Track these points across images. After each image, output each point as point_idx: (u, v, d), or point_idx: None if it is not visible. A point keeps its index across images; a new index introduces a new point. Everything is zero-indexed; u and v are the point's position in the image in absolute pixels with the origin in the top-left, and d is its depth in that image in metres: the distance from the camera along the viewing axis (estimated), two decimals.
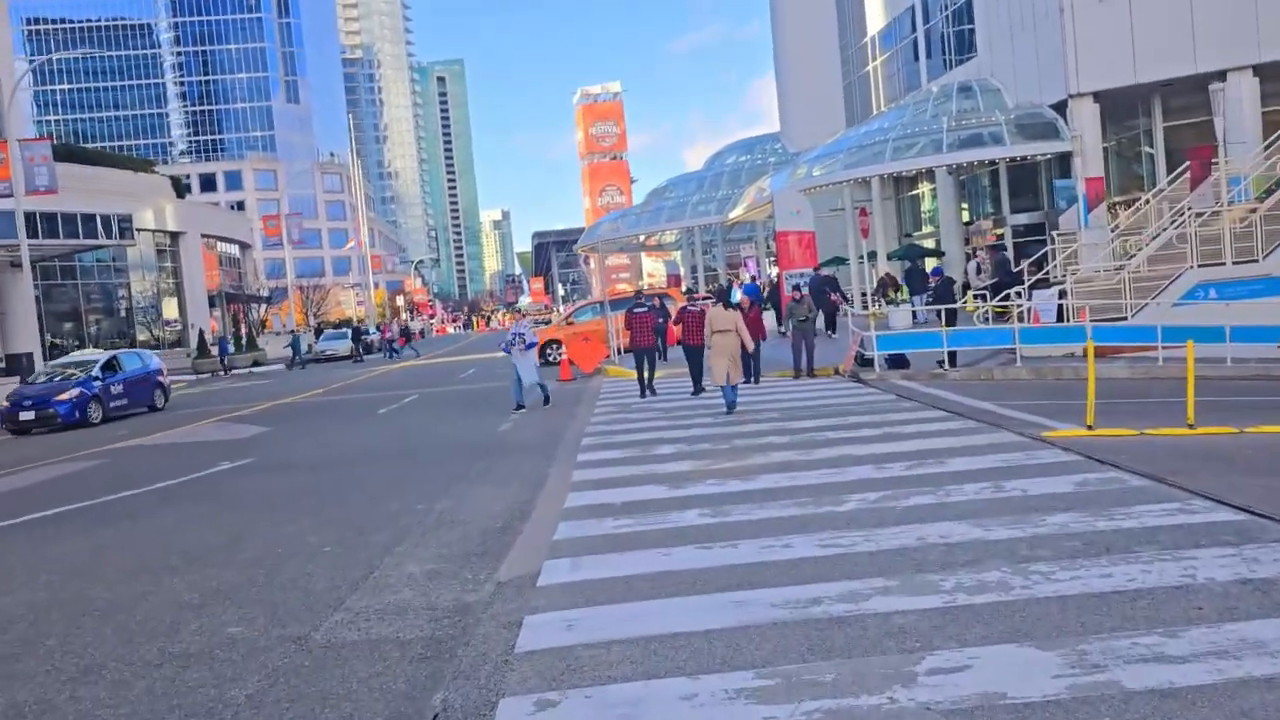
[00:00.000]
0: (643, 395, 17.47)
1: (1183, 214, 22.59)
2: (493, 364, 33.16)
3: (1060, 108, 31.77)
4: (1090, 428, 10.58)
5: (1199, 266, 20.70)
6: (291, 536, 8.70)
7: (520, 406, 17.45)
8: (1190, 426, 10.52)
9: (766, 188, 44.61)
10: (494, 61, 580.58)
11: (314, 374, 37.40)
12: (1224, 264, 20.66)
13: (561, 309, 42.93)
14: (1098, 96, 30.83)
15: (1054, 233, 26.14)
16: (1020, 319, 21.46)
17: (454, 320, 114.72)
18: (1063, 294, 21.91)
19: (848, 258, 43.99)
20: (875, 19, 47.51)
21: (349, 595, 6.70)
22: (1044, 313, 21.21)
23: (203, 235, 57.60)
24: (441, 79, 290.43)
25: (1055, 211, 24.84)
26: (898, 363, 18.91)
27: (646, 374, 17.66)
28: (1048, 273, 25.10)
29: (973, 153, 32.68)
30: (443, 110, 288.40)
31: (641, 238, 61.22)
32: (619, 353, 26.53)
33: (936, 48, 41.89)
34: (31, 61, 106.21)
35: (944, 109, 35.75)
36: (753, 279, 45.63)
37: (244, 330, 47.20)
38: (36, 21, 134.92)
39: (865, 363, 19.08)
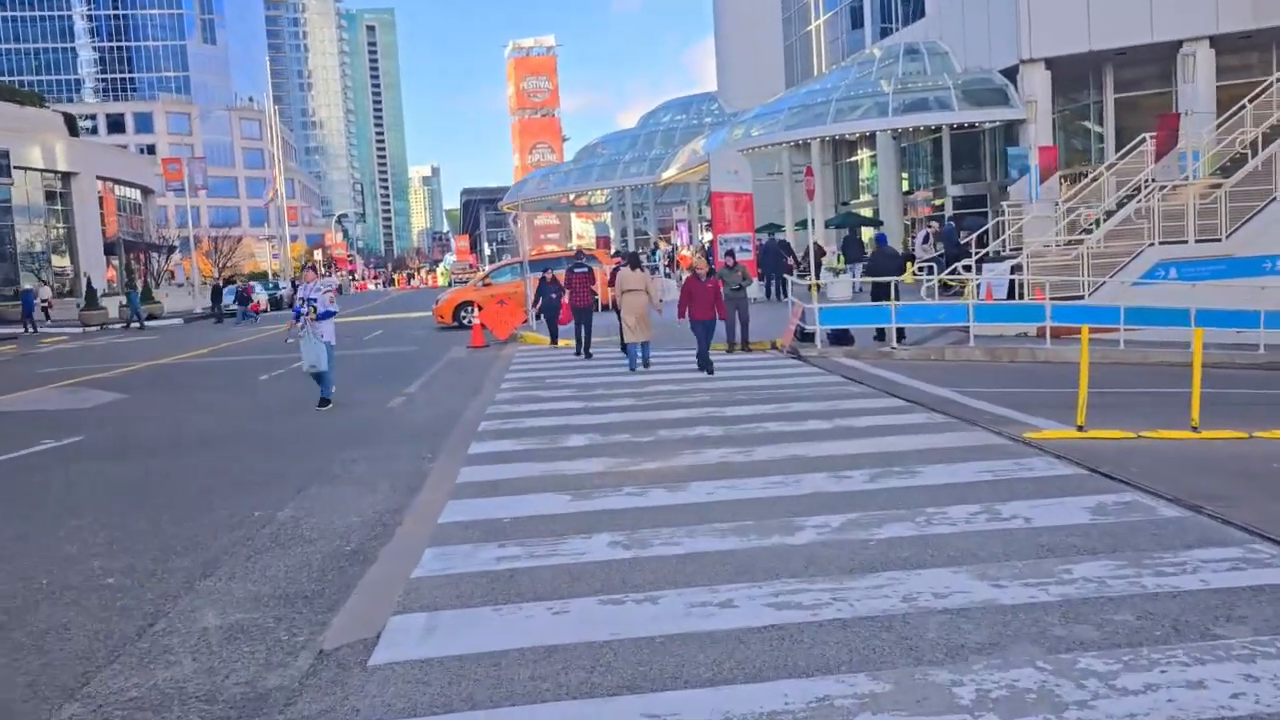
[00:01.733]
0: (578, 354, 17.66)
1: (1141, 187, 21.28)
2: (404, 325, 30.82)
3: (1010, 74, 30.37)
4: (1081, 428, 8.93)
5: (1160, 244, 19.40)
6: (71, 558, 6.58)
7: (325, 402, 12.92)
8: (1194, 429, 8.94)
9: (700, 149, 42.68)
10: (427, 13, 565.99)
11: (208, 331, 34.56)
12: (1186, 242, 19.39)
13: (487, 269, 40.55)
14: (1049, 63, 29.47)
15: (1004, 204, 24.72)
16: (966, 294, 20.01)
17: (375, 277, 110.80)
18: (1015, 269, 20.49)
19: (783, 224, 42.41)
20: None
21: (102, 669, 4.66)
22: (995, 288, 19.74)
23: (99, 177, 53.56)
24: (371, 28, 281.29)
25: (1006, 181, 23.48)
26: (840, 339, 17.23)
27: (584, 336, 17.74)
28: (1000, 246, 23.72)
29: (918, 117, 31.14)
30: (372, 61, 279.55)
31: (571, 196, 58.82)
32: (537, 318, 24.44)
33: (882, 8, 40.21)
34: None
35: (889, 71, 34.13)
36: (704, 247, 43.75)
37: (141, 282, 43.77)
38: None
39: (806, 337, 17.37)
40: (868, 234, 44.74)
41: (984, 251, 23.29)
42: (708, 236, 49.23)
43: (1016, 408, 10.54)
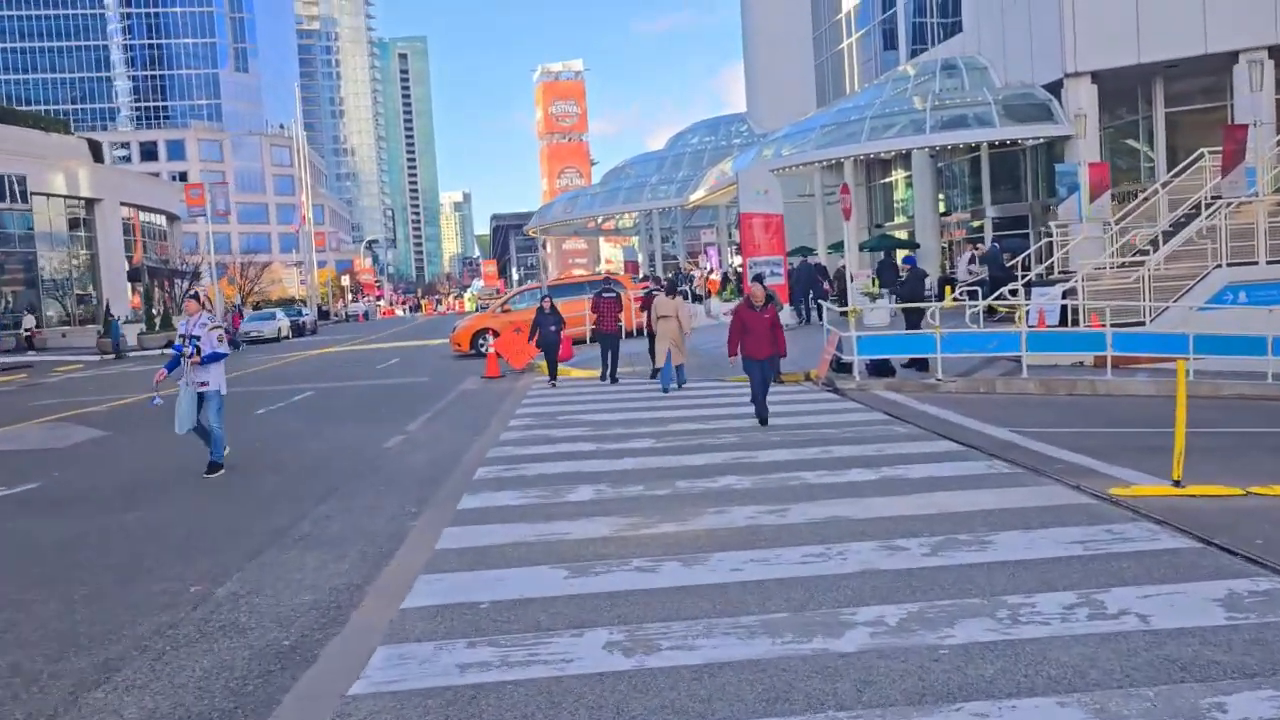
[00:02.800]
0: (603, 379, 17.69)
1: (1202, 205, 19.79)
2: (421, 353, 29.76)
3: (1054, 89, 28.94)
4: (1178, 483, 7.53)
5: (1228, 265, 17.88)
6: None
7: (215, 468, 10.34)
8: None
9: (729, 170, 41.50)
10: (458, 41, 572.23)
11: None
12: (1256, 263, 17.86)
13: (505, 294, 39.24)
14: (1096, 77, 28.02)
15: (1051, 224, 23.26)
16: (1014, 320, 18.58)
17: (403, 302, 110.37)
18: (1066, 293, 19.06)
19: (815, 247, 41.07)
20: None
21: None
22: (1047, 314, 18.30)
23: (123, 203, 53.24)
24: (403, 55, 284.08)
25: (1053, 200, 22.06)
26: (880, 369, 15.87)
27: (610, 361, 17.73)
28: (1046, 269, 22.27)
29: (958, 134, 29.74)
30: (404, 88, 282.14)
31: (600, 220, 57.78)
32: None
33: (917, 24, 38.94)
34: None
35: (926, 88, 32.80)
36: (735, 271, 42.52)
37: (159, 308, 43.13)
38: None
39: (842, 368, 16.02)
40: (900, 256, 43.42)
41: (1030, 275, 21.85)
42: (737, 260, 47.99)
43: (1091, 454, 9.15)
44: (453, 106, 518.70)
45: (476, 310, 57.70)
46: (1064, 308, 18.60)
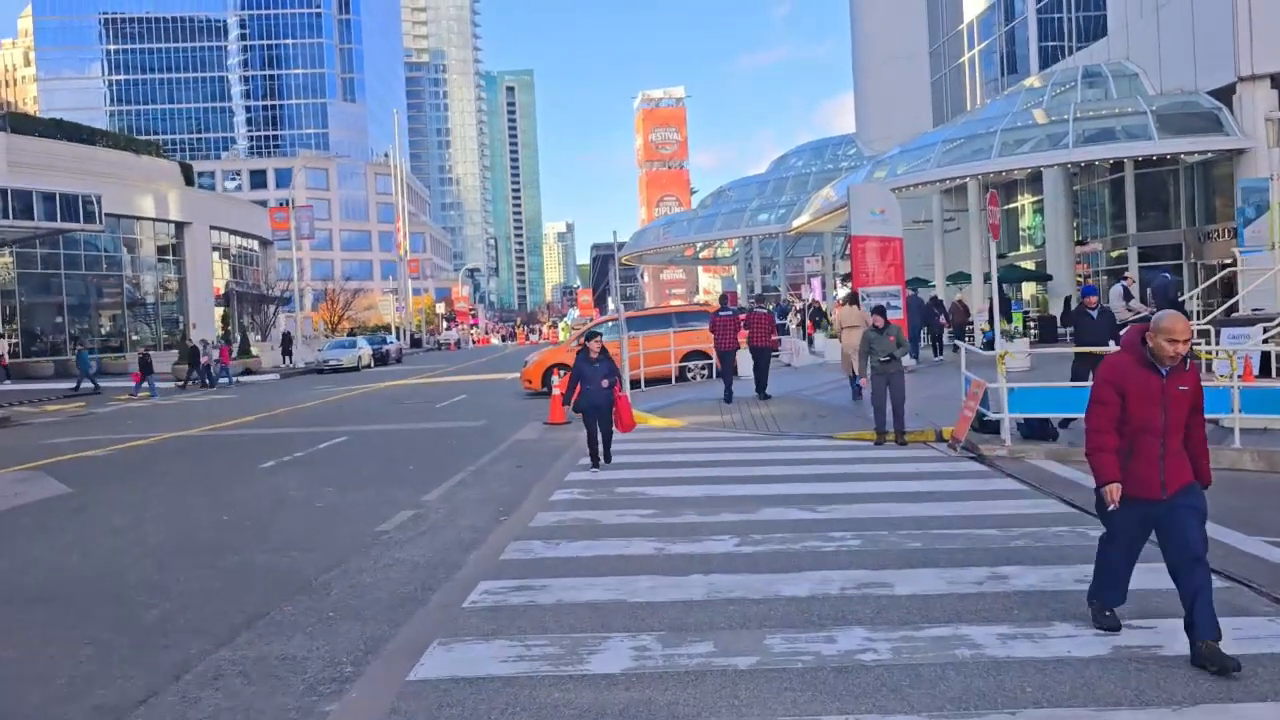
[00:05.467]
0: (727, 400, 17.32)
1: None
2: (492, 388, 27.09)
3: (1223, 95, 24.85)
4: None
5: None
6: None
7: None
8: None
9: (833, 194, 38.06)
10: (564, 73, 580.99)
11: (282, 391, 31.65)
12: None
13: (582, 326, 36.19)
14: (1275, 81, 23.90)
15: (1236, 251, 19.28)
16: (1210, 370, 14.78)
17: (499, 331, 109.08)
18: (1266, 332, 15.20)
19: (931, 279, 37.28)
20: (974, 1, 40.70)
21: None
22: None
23: (213, 227, 52.52)
24: (510, 88, 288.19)
25: (1240, 221, 18.26)
26: (1038, 431, 12.35)
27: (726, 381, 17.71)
28: (1228, 308, 18.30)
29: (1109, 149, 25.80)
30: (510, 120, 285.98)
31: (697, 246, 54.69)
32: (636, 385, 20.25)
33: (1050, 31, 35.03)
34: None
35: (1064, 100, 28.97)
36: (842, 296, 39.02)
37: (236, 335, 41.80)
38: (115, 14, 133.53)
39: (986, 426, 12.56)
40: (1030, 289, 39.19)
41: (1219, 310, 17.94)
42: (842, 292, 44.30)
43: None
44: (558, 137, 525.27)
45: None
46: (1265, 355, 14.74)
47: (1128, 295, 20.49)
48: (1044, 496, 9.23)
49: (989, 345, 26.48)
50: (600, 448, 11.68)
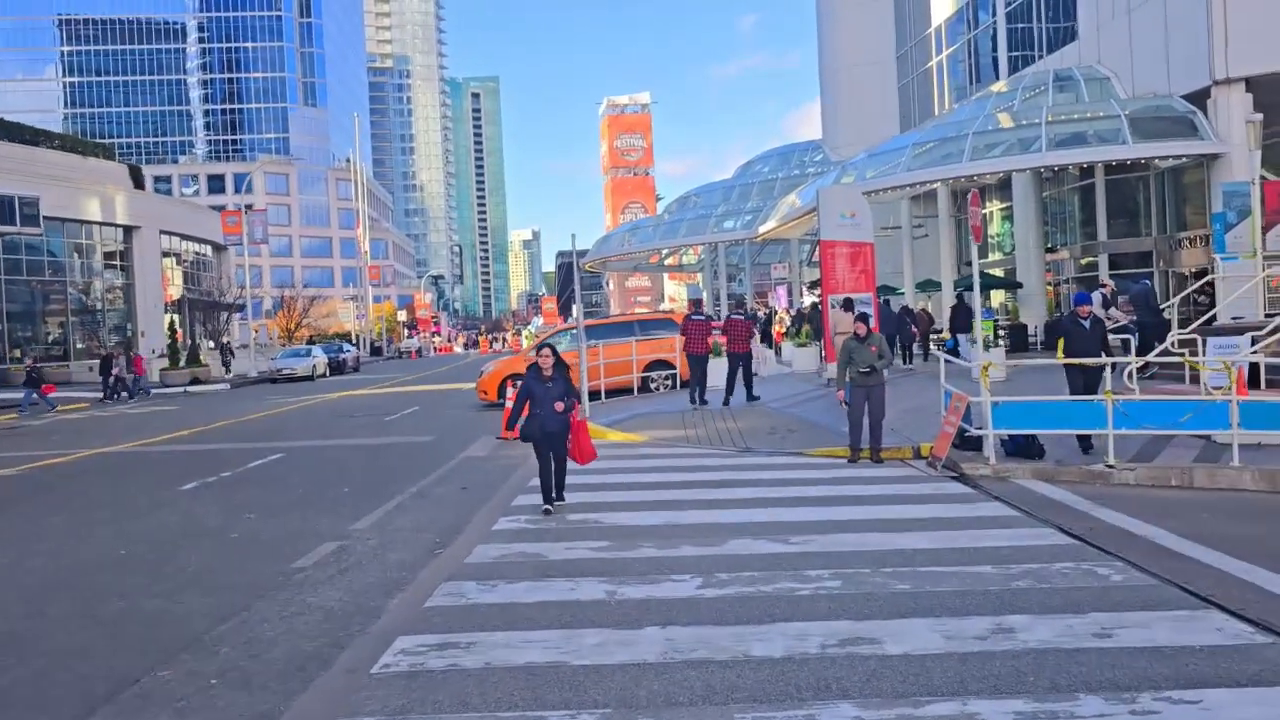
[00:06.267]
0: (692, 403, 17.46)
1: None
2: (448, 399, 25.97)
3: (1197, 100, 24.32)
4: None
5: None
6: None
7: None
8: None
9: (798, 201, 37.30)
10: (530, 81, 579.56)
11: (228, 402, 30.30)
12: None
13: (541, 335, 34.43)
14: (1250, 84, 23.38)
15: (1218, 257, 18.64)
16: (1197, 380, 14.07)
17: (462, 339, 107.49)
18: (1255, 342, 14.48)
19: (899, 286, 36.62)
20: (942, 6, 40.17)
21: None
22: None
23: (163, 232, 50.87)
24: (476, 95, 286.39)
25: (1223, 226, 17.62)
26: (1024, 449, 11.51)
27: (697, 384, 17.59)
28: (1208, 317, 17.61)
29: (1080, 153, 25.15)
30: (475, 127, 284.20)
31: (662, 252, 53.77)
32: (596, 397, 19.25)
33: (1018, 36, 34.52)
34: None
35: (1035, 104, 28.35)
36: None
37: (184, 341, 40.27)
38: (70, 16, 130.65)
39: (967, 442, 11.71)
40: (998, 297, 38.62)
41: (1202, 319, 17.26)
42: (808, 300, 43.62)
43: None
44: (524, 145, 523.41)
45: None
46: (1254, 366, 14.02)
47: (1106, 303, 19.89)
48: (1039, 524, 8.36)
49: (953, 353, 25.86)
50: (549, 485, 9.56)
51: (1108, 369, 11.12)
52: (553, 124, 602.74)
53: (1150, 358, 15.16)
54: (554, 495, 9.60)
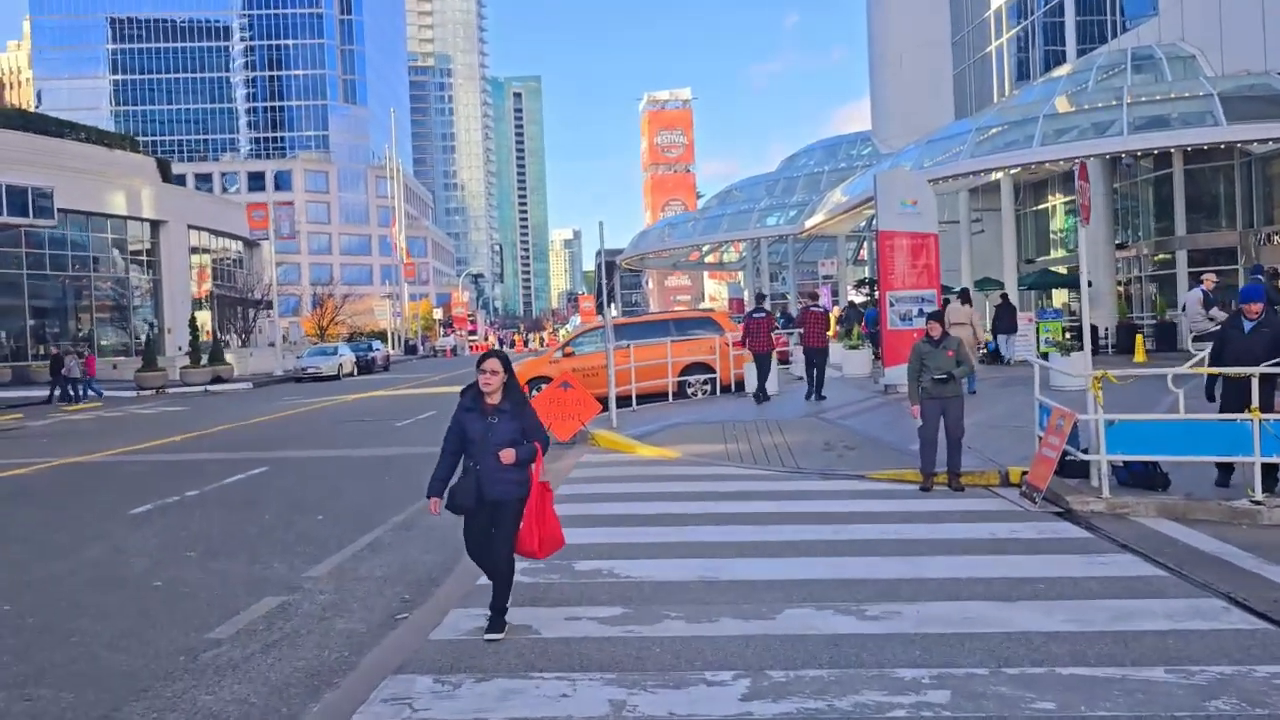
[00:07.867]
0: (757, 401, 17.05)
1: None
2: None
3: None
4: None
5: None
6: None
7: None
8: None
9: (844, 198, 35.06)
10: (572, 80, 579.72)
11: (241, 402, 28.74)
12: None
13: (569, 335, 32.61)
14: None
15: None
16: None
17: (499, 338, 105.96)
18: None
19: (955, 287, 34.21)
20: None
21: None
22: None
23: (192, 227, 49.72)
24: (518, 94, 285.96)
25: None
26: (1143, 478, 9.35)
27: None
28: None
29: (1169, 136, 22.72)
30: (517, 127, 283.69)
31: (701, 249, 51.67)
32: (626, 403, 17.24)
33: (1091, 11, 32.04)
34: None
35: (1111, 85, 25.98)
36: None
37: (212, 338, 39.03)
38: (119, 15, 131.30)
39: (1067, 466, 9.57)
40: (1060, 297, 36.13)
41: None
42: (858, 298, 41.27)
43: None
44: (565, 146, 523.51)
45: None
46: None
47: (1209, 301, 17.52)
48: (1201, 591, 6.24)
49: (994, 356, 23.51)
50: (493, 588, 5.80)
51: (1254, 380, 8.90)
52: (594, 124, 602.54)
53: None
54: (500, 606, 5.75)
